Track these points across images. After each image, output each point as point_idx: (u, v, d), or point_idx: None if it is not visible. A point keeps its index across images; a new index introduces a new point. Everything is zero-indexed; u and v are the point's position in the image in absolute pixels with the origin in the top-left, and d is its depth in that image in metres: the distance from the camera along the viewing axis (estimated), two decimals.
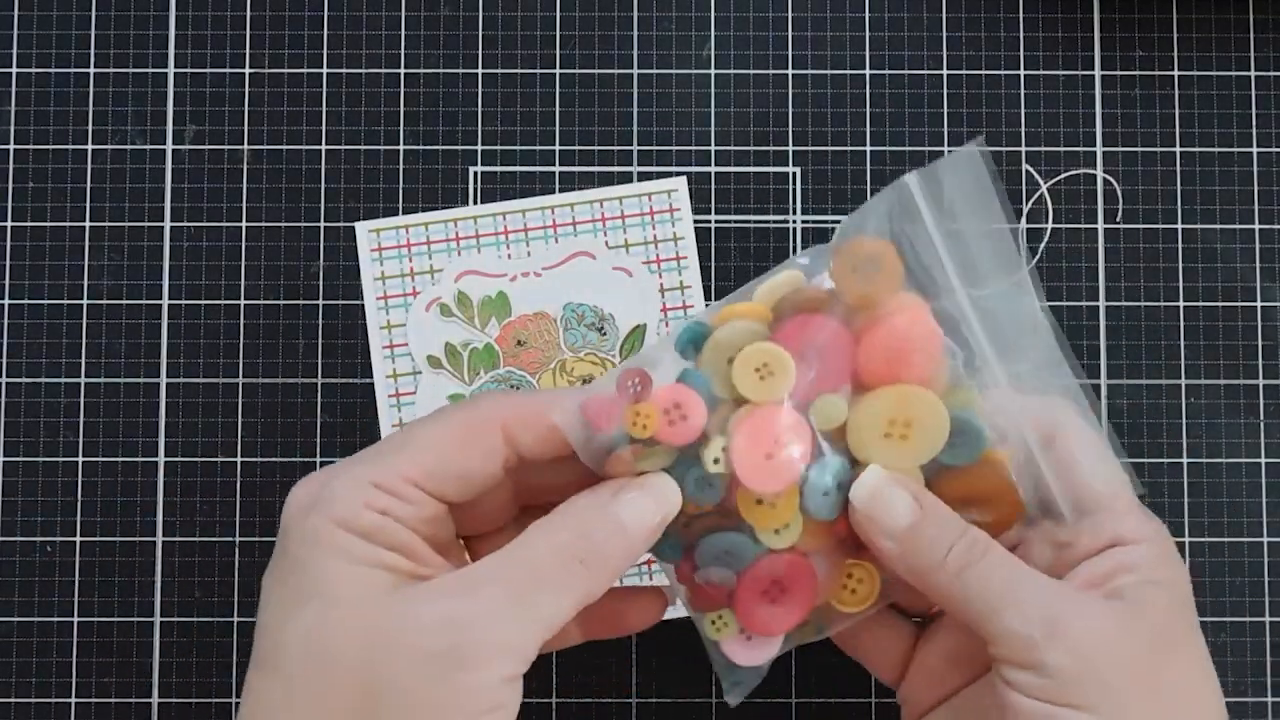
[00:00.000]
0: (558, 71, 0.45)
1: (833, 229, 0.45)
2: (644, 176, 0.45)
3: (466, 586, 0.29)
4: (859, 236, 0.32)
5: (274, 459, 0.44)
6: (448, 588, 0.29)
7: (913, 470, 0.32)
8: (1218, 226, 0.45)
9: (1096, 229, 0.45)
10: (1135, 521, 0.33)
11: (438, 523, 0.31)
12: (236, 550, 0.43)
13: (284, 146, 0.45)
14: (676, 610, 0.38)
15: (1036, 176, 0.45)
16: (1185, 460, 0.44)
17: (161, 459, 0.44)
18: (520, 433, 0.31)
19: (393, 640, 0.28)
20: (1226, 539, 0.44)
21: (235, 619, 0.43)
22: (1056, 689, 0.30)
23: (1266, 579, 0.44)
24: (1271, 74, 0.45)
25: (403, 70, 0.45)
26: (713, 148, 0.45)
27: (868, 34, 0.45)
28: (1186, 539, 0.44)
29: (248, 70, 0.45)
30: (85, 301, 0.44)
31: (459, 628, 0.28)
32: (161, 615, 0.43)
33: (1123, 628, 0.31)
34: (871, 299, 0.31)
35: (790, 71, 0.45)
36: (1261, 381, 0.44)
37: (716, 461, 0.30)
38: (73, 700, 0.43)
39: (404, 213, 0.44)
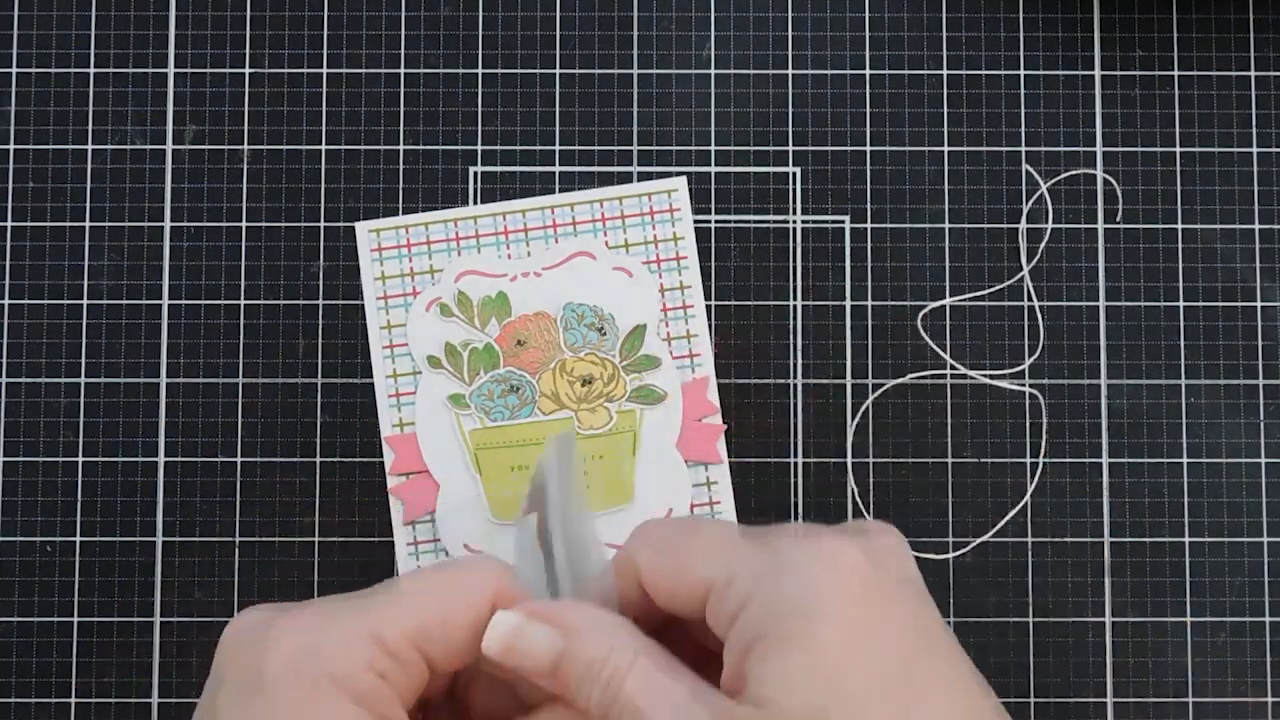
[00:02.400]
0: (558, 71, 0.45)
1: (832, 228, 0.45)
2: (644, 176, 0.45)
3: None
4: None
5: (274, 459, 0.44)
6: None
7: None
8: (1218, 226, 0.45)
9: (1096, 229, 0.45)
10: (735, 584, 0.28)
11: (420, 686, 0.29)
12: (236, 550, 0.43)
13: (284, 146, 0.45)
14: None
15: (1036, 176, 0.45)
16: (1185, 460, 0.44)
17: (161, 459, 0.44)
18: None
19: None
20: (1226, 539, 0.44)
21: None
22: None
23: (1266, 579, 0.44)
24: (1271, 74, 0.45)
25: (403, 70, 0.45)
26: (713, 148, 0.45)
27: (868, 34, 0.45)
28: (1186, 539, 0.44)
29: (248, 70, 0.45)
30: (85, 301, 0.44)
31: None
32: (161, 615, 0.43)
33: None
34: None
35: (790, 71, 0.45)
36: (1261, 381, 0.44)
37: None
38: (73, 700, 0.43)
39: (404, 213, 0.44)
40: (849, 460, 0.44)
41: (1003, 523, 0.44)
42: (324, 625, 0.28)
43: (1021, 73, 0.45)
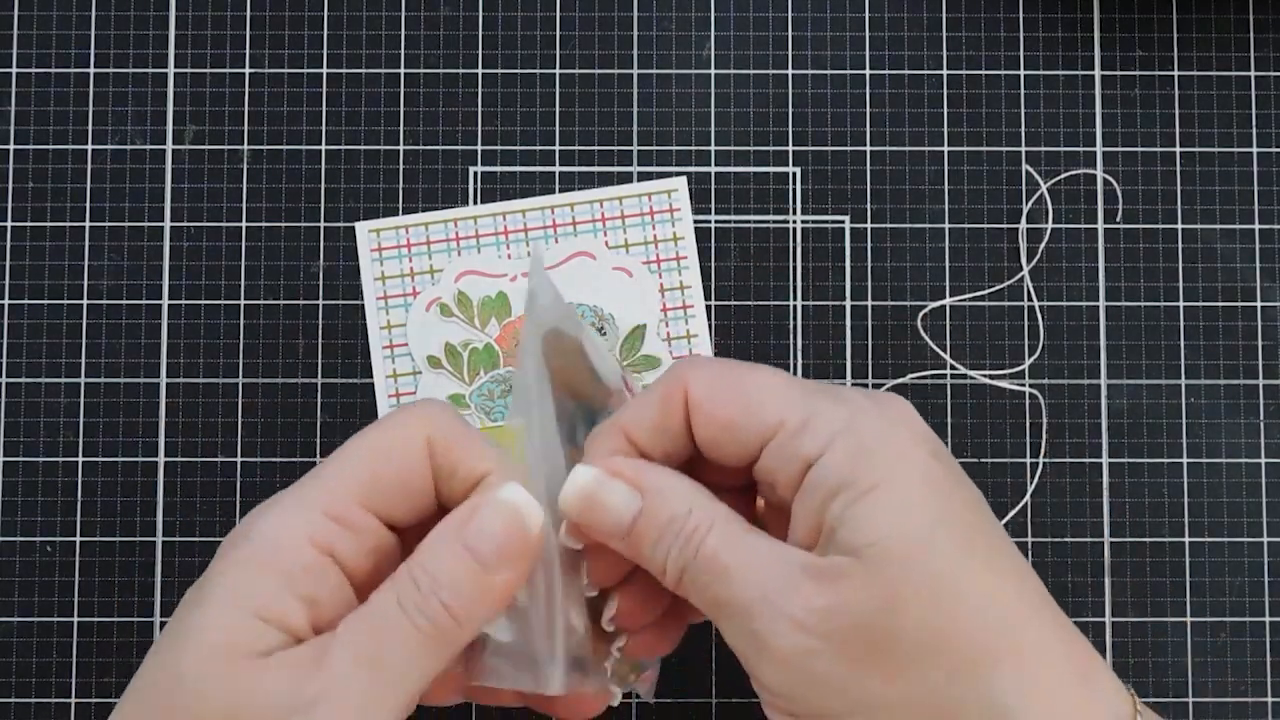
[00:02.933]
0: (558, 71, 0.45)
1: (832, 228, 0.45)
2: (644, 176, 0.45)
3: (316, 655, 0.26)
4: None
5: (274, 459, 0.44)
6: (298, 658, 0.26)
7: None
8: (1218, 226, 0.45)
9: (1096, 229, 0.45)
10: (814, 427, 0.28)
11: (383, 555, 0.28)
12: None
13: (284, 146, 0.45)
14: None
15: (1036, 176, 0.45)
16: (1185, 460, 0.44)
17: (161, 459, 0.44)
18: (441, 454, 0.29)
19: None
20: (1226, 539, 0.44)
21: None
22: (782, 703, 0.28)
23: (1266, 579, 0.44)
24: (1271, 74, 0.45)
25: (403, 70, 0.45)
26: (713, 148, 0.45)
27: (868, 34, 0.45)
28: (1186, 539, 0.44)
29: (248, 70, 0.45)
30: (85, 301, 0.44)
31: (302, 707, 0.25)
32: (161, 615, 0.43)
33: (836, 600, 0.27)
34: None
35: (790, 71, 0.45)
36: (1261, 381, 0.44)
37: None
38: (73, 700, 0.43)
39: (404, 213, 0.44)
40: None
41: (1003, 523, 0.44)
42: (270, 505, 0.28)
43: (1021, 73, 0.45)
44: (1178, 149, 0.45)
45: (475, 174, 0.45)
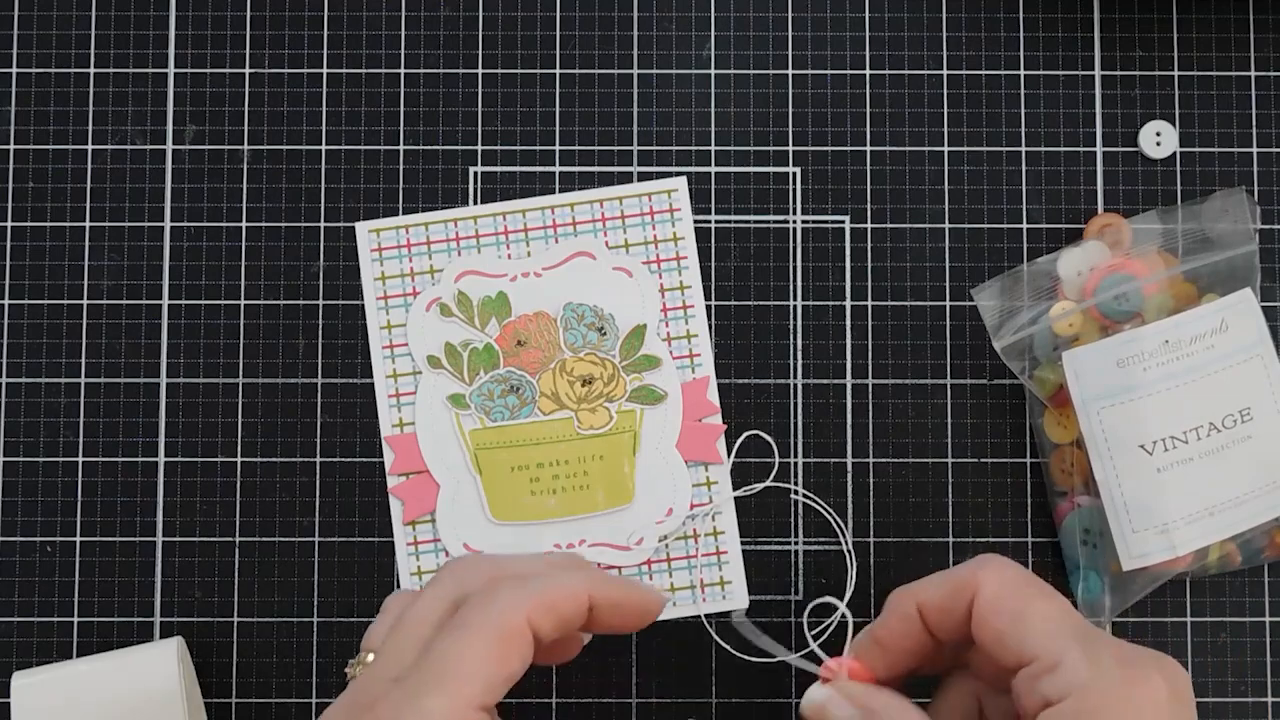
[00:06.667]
0: (558, 71, 0.45)
1: (832, 229, 0.45)
2: (644, 176, 0.45)
3: None
4: None
5: (274, 459, 0.44)
6: None
7: None
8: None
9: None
10: (1059, 674, 0.31)
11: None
12: (236, 550, 0.43)
13: (284, 146, 0.45)
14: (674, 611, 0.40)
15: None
16: None
17: (161, 459, 0.44)
18: (542, 622, 0.31)
19: None
20: None
21: (235, 619, 0.43)
22: None
23: (1266, 579, 0.44)
24: (1271, 74, 0.45)
25: (403, 70, 0.45)
26: (713, 148, 0.45)
27: (868, 34, 0.45)
28: None
29: (248, 70, 0.45)
30: (85, 301, 0.44)
31: None
32: (161, 615, 0.43)
33: None
34: None
35: (790, 71, 0.45)
36: None
37: None
38: None
39: (404, 213, 0.44)
40: (849, 460, 0.44)
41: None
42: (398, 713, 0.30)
43: (1021, 73, 0.45)
44: (1178, 149, 0.45)
45: (475, 174, 0.45)
